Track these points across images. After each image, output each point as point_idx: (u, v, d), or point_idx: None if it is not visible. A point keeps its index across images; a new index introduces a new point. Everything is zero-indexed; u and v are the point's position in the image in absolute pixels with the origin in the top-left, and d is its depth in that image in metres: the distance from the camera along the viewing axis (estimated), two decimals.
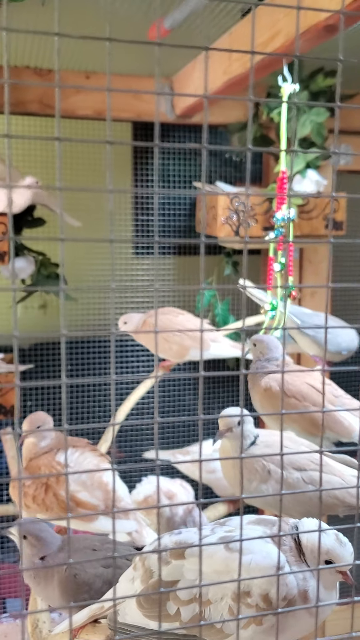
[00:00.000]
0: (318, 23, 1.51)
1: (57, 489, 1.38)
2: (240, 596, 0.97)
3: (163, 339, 1.81)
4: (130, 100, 2.37)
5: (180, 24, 1.97)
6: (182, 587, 0.98)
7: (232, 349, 1.81)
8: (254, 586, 0.96)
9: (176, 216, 2.63)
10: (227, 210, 2.20)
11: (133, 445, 2.61)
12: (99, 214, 2.58)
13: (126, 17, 1.93)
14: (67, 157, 2.49)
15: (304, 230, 2.27)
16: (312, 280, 2.54)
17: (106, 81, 2.31)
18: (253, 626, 0.97)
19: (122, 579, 1.08)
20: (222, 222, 2.20)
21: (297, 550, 1.00)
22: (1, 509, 2.17)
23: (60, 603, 1.17)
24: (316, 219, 2.25)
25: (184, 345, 1.80)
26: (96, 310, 2.59)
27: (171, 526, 1.48)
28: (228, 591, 0.98)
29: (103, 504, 1.38)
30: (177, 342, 1.80)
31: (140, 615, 1.03)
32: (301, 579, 0.98)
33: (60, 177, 0.50)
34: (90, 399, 2.57)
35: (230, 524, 1.04)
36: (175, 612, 1.00)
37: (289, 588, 0.96)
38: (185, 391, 2.71)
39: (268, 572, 0.96)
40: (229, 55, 1.95)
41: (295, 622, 0.99)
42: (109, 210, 0.68)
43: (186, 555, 1.00)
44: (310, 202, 2.25)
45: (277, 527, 1.02)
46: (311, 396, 1.48)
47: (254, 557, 0.97)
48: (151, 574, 1.02)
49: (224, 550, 0.99)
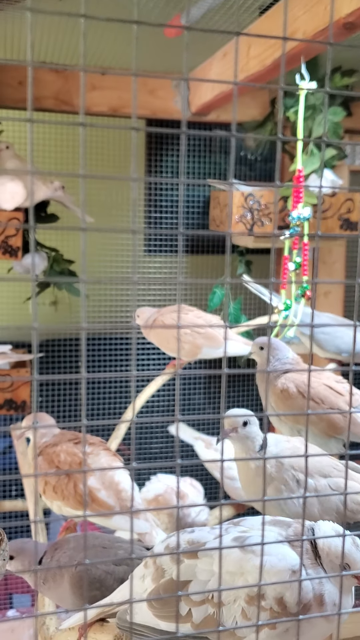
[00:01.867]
0: (338, 20, 1.49)
1: (78, 479, 1.38)
2: (254, 599, 0.95)
3: (174, 337, 1.79)
4: (145, 98, 2.35)
5: (197, 21, 1.96)
6: (198, 592, 0.97)
7: (245, 347, 1.80)
8: (269, 589, 0.94)
9: (190, 214, 2.62)
10: (241, 208, 2.18)
11: (143, 443, 2.60)
12: (112, 210, 2.57)
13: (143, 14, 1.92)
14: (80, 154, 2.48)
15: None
16: None
17: (122, 78, 2.31)
18: (266, 630, 0.96)
19: (132, 577, 1.07)
20: (236, 221, 2.18)
21: (313, 553, 0.98)
22: (10, 505, 2.17)
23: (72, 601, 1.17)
24: (331, 218, 2.23)
25: (195, 343, 1.78)
26: (108, 308, 2.58)
27: (182, 527, 1.46)
28: (241, 593, 0.96)
29: (117, 503, 1.37)
30: (189, 340, 1.78)
31: (150, 615, 1.02)
32: (317, 582, 0.96)
33: (84, 164, 0.49)
34: (100, 396, 2.56)
35: (244, 524, 1.03)
36: (187, 612, 0.98)
37: (305, 592, 0.95)
38: (195, 390, 2.69)
39: (283, 574, 0.94)
40: (247, 52, 1.94)
41: (310, 628, 0.97)
42: (132, 199, 0.67)
43: (199, 555, 0.99)
44: (326, 202, 2.23)
45: (293, 529, 1.00)
46: (329, 398, 1.46)
47: (270, 559, 0.95)
48: (162, 573, 1.01)
49: (238, 550, 0.97)
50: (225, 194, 2.29)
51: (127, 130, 2.54)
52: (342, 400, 1.47)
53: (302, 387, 1.45)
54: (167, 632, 1.01)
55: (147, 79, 2.33)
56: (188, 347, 1.79)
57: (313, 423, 1.46)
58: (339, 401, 1.46)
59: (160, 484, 1.69)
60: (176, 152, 2.58)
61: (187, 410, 2.64)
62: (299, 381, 1.46)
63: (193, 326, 1.51)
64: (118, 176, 2.38)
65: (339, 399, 1.47)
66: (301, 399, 1.45)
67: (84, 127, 0.49)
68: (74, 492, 1.38)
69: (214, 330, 1.78)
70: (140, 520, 1.40)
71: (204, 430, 2.64)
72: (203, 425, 2.61)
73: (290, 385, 1.47)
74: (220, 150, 2.62)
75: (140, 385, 2.01)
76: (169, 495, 1.50)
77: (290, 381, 1.47)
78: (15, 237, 2.03)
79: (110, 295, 2.58)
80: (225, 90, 2.09)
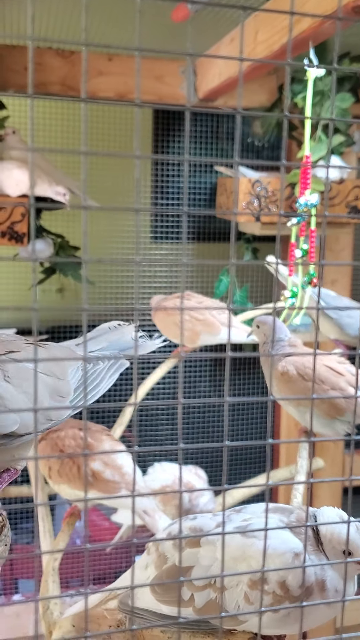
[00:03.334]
0: (347, 4, 1.47)
1: (82, 462, 1.39)
2: (256, 583, 0.95)
3: (174, 324, 1.80)
4: (152, 84, 2.34)
5: (203, 7, 1.93)
6: (200, 577, 0.97)
7: (245, 334, 1.80)
8: (271, 572, 0.95)
9: (196, 201, 2.60)
10: (248, 195, 2.17)
11: (147, 429, 2.60)
12: (119, 197, 2.56)
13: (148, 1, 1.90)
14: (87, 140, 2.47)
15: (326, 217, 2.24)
16: (333, 269, 2.51)
17: (128, 64, 2.29)
18: (269, 614, 0.96)
19: (135, 565, 1.07)
20: (243, 207, 2.17)
21: (315, 540, 0.98)
22: (16, 490, 2.17)
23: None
24: (339, 205, 2.21)
25: (194, 330, 1.78)
26: (114, 295, 2.58)
27: None
28: (244, 577, 0.96)
29: (122, 480, 1.39)
30: (187, 327, 1.79)
31: (153, 600, 1.02)
32: (319, 568, 0.96)
33: (86, 141, 0.48)
34: None
35: (246, 511, 1.03)
36: (190, 597, 0.99)
37: (307, 575, 0.95)
38: (201, 377, 2.69)
39: (285, 558, 0.94)
40: (254, 38, 1.92)
41: (311, 612, 0.98)
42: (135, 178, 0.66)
43: (201, 542, 0.99)
44: (333, 189, 2.21)
45: (295, 515, 1.00)
46: (330, 379, 1.47)
47: (272, 542, 0.95)
48: (165, 560, 1.01)
49: (239, 536, 0.97)
50: (232, 180, 2.27)
51: (134, 118, 2.52)
52: (343, 381, 1.48)
53: (302, 370, 1.47)
54: (169, 616, 1.01)
55: (154, 65, 2.32)
56: (187, 333, 1.79)
57: (315, 405, 1.47)
58: (340, 381, 1.47)
59: (166, 474, 1.69)
60: (184, 139, 2.57)
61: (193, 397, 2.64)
62: (299, 363, 1.47)
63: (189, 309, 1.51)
64: (121, 152, 2.37)
65: (340, 380, 1.48)
66: (301, 381, 1.46)
67: (85, 103, 0.49)
68: (77, 474, 1.40)
69: (213, 317, 1.79)
70: (144, 498, 1.41)
71: (209, 414, 2.64)
72: (207, 410, 2.61)
73: (291, 367, 1.48)
74: (227, 137, 2.61)
75: (146, 373, 2.01)
76: (177, 486, 1.51)
77: (291, 364, 1.48)
78: (21, 223, 2.02)
79: (116, 282, 2.57)
80: (232, 76, 2.07)
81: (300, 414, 1.54)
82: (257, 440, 2.50)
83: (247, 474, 2.64)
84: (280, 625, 0.98)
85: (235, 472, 2.64)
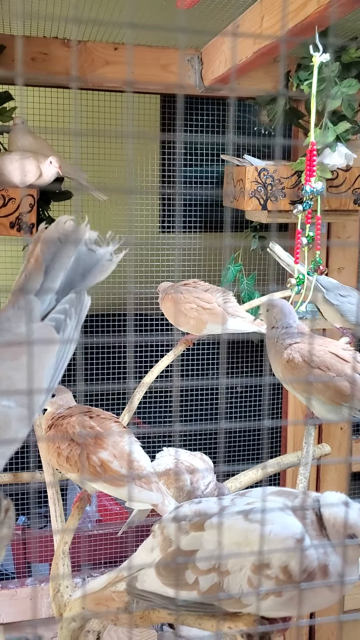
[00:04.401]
0: None
1: (91, 451, 1.41)
2: (259, 567, 0.97)
3: (181, 312, 1.82)
4: (158, 72, 2.34)
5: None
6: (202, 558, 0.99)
7: (250, 325, 1.81)
8: (274, 558, 0.97)
9: (203, 190, 2.61)
10: (254, 183, 2.17)
11: (154, 416, 2.62)
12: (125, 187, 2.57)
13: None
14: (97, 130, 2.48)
15: (333, 204, 2.24)
16: (340, 256, 2.51)
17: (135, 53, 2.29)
18: (272, 597, 0.98)
19: (141, 548, 1.09)
20: (250, 196, 2.17)
21: (319, 524, 0.99)
22: (28, 476, 2.21)
23: None
24: (345, 193, 2.21)
25: (201, 319, 1.80)
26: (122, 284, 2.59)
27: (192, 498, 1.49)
28: (247, 562, 0.98)
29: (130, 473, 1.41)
30: (194, 315, 1.81)
31: (159, 583, 1.05)
32: (322, 552, 0.98)
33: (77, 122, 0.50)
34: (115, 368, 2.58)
35: (251, 495, 1.05)
36: (194, 581, 1.01)
37: (309, 560, 0.97)
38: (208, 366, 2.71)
39: (287, 543, 0.96)
40: (260, 24, 1.91)
41: (314, 596, 0.99)
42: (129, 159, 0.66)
43: (205, 526, 1.01)
44: (340, 176, 2.21)
45: (299, 499, 1.02)
46: (335, 365, 1.49)
47: (274, 528, 0.97)
48: (170, 543, 1.04)
49: (243, 521, 0.99)
50: (239, 169, 2.27)
51: (143, 108, 2.53)
52: (349, 367, 1.49)
53: (308, 357, 1.48)
54: (174, 599, 1.03)
55: (160, 54, 2.31)
56: (193, 322, 1.81)
57: (321, 391, 1.49)
58: (345, 368, 1.48)
59: (171, 457, 1.71)
60: (190, 129, 2.57)
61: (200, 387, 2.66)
62: (304, 351, 1.49)
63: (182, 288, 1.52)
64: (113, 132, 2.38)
65: (345, 366, 1.49)
66: (307, 368, 1.48)
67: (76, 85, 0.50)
68: (87, 464, 1.41)
69: (219, 306, 1.80)
70: (153, 492, 1.42)
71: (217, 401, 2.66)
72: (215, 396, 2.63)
73: (296, 355, 1.49)
74: (234, 126, 2.61)
75: (154, 360, 2.03)
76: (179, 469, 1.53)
77: (296, 351, 1.50)
78: (30, 214, 2.04)
79: (123, 272, 2.59)
80: (238, 64, 2.07)
81: (307, 400, 1.56)
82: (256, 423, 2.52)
83: (255, 459, 2.66)
84: (284, 609, 1.00)
85: (244, 457, 2.66)
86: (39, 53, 2.23)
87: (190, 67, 2.32)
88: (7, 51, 2.15)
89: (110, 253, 0.79)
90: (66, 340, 0.73)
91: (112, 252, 0.79)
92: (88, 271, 0.78)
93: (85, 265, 0.78)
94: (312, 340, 1.54)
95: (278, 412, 2.64)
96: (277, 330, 1.54)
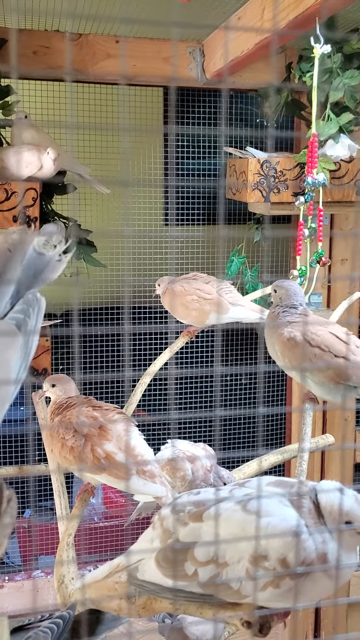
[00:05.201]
0: None
1: (95, 443, 1.42)
2: (257, 559, 0.98)
3: (182, 304, 1.83)
4: (160, 65, 2.33)
5: None
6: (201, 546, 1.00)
7: (251, 313, 1.82)
8: (271, 550, 0.97)
9: (205, 182, 2.61)
10: (257, 175, 2.17)
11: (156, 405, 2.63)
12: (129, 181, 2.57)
13: None
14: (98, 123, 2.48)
15: (335, 196, 2.23)
16: (342, 248, 2.50)
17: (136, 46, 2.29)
18: (270, 589, 0.98)
19: (141, 539, 1.10)
20: (252, 188, 2.17)
21: (316, 513, 1.00)
22: (33, 469, 2.23)
23: None
24: (348, 184, 2.21)
25: (203, 310, 1.81)
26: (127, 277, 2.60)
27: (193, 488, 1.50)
28: (245, 554, 0.99)
29: (134, 467, 1.41)
30: (196, 307, 1.82)
31: (159, 574, 1.06)
32: (320, 542, 0.98)
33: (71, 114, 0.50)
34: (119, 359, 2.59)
35: (249, 485, 1.05)
36: (193, 572, 1.01)
37: (307, 552, 0.97)
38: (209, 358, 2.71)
39: (285, 535, 0.96)
40: (261, 15, 1.91)
41: (313, 585, 1.00)
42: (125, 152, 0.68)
43: (204, 518, 1.02)
44: (342, 168, 2.21)
45: (296, 489, 1.02)
46: (335, 345, 1.49)
47: (272, 520, 0.97)
48: (170, 534, 1.04)
49: (241, 512, 1.00)
50: (241, 161, 2.27)
51: (145, 101, 2.53)
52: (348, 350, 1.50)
53: (308, 335, 1.49)
54: (174, 589, 1.04)
55: (162, 47, 2.31)
56: (196, 313, 1.82)
57: (320, 371, 1.49)
58: (344, 348, 1.49)
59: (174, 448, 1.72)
60: (192, 121, 2.57)
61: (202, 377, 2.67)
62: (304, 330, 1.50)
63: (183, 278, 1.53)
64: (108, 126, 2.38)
65: (345, 347, 1.50)
66: (307, 347, 1.48)
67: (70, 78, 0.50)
68: (91, 455, 1.42)
69: (221, 296, 1.81)
70: (157, 485, 1.43)
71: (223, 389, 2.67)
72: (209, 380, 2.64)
73: (297, 333, 1.50)
74: (236, 119, 2.60)
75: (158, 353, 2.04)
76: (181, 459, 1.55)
77: (297, 329, 1.50)
78: (33, 208, 2.05)
79: (128, 264, 2.59)
80: (240, 56, 2.07)
81: (303, 379, 1.57)
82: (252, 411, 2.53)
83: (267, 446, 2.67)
84: (283, 600, 1.00)
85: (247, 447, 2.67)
86: (40, 46, 2.23)
87: (192, 59, 2.32)
88: (8, 45, 2.16)
89: (59, 254, 0.84)
90: (29, 332, 0.79)
91: (60, 253, 0.83)
92: (39, 273, 0.83)
93: (36, 268, 0.83)
94: (312, 320, 1.55)
95: (282, 401, 2.64)
96: (279, 308, 1.55)
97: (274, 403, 2.71)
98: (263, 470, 1.83)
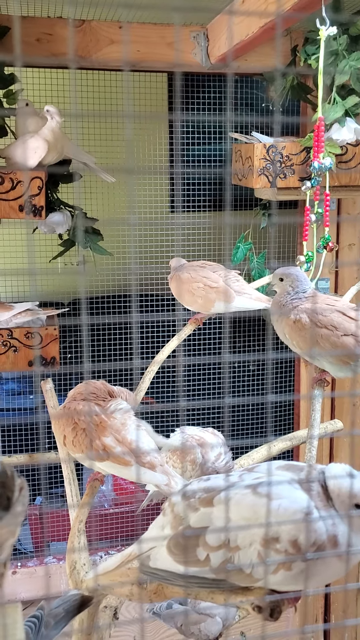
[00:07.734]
0: None
1: (93, 436, 1.43)
2: (269, 542, 0.98)
3: (189, 292, 1.83)
4: (164, 50, 2.32)
5: None
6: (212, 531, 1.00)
7: (256, 302, 1.82)
8: (283, 532, 0.97)
9: (211, 168, 2.60)
10: (263, 160, 2.16)
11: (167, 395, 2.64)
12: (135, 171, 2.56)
13: None
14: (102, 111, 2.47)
15: (342, 180, 2.22)
16: (350, 233, 2.49)
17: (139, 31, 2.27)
18: (282, 571, 0.99)
19: (152, 526, 1.11)
20: (259, 174, 2.16)
21: (325, 496, 1.00)
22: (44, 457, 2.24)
23: None
24: (354, 169, 2.19)
25: (208, 298, 1.81)
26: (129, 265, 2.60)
27: (204, 472, 1.51)
28: (257, 537, 0.99)
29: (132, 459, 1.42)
30: (202, 294, 1.82)
31: (170, 561, 1.06)
32: (330, 524, 0.98)
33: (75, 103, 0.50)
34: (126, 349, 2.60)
35: (258, 470, 1.05)
36: (205, 557, 1.02)
37: (318, 534, 0.97)
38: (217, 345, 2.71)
39: (296, 517, 0.97)
40: None
41: (324, 568, 1.00)
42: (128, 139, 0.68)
43: (214, 502, 1.02)
44: (349, 152, 2.19)
45: (305, 472, 1.03)
46: (342, 324, 1.49)
47: (282, 502, 0.98)
48: (180, 521, 1.05)
49: (252, 496, 1.00)
50: (247, 146, 2.26)
51: (150, 88, 2.51)
52: (356, 326, 1.50)
53: (315, 317, 1.49)
54: (186, 576, 1.05)
55: (166, 32, 2.29)
56: (201, 301, 1.82)
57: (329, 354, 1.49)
58: (352, 327, 1.49)
59: (184, 434, 1.73)
60: (197, 107, 2.55)
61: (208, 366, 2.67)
62: (310, 311, 1.50)
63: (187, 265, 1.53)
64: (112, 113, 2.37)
65: (353, 325, 1.49)
66: (315, 328, 1.48)
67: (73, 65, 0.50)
68: (90, 447, 1.44)
69: (227, 285, 1.81)
70: (158, 474, 1.44)
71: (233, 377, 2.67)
72: (231, 373, 2.64)
73: (303, 316, 1.50)
74: (242, 104, 2.58)
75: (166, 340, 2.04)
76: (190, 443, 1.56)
77: (303, 312, 1.51)
78: (39, 197, 2.04)
79: (135, 254, 2.59)
80: (244, 39, 2.05)
81: (312, 359, 1.57)
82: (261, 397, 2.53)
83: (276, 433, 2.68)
84: (295, 582, 1.01)
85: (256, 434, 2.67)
86: (43, 34, 2.21)
87: (196, 44, 2.30)
88: (11, 33, 2.14)
89: None
90: None
91: None
92: None
93: None
94: (318, 299, 1.55)
95: (291, 388, 2.64)
96: (290, 295, 1.55)
97: (282, 390, 2.71)
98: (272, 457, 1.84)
